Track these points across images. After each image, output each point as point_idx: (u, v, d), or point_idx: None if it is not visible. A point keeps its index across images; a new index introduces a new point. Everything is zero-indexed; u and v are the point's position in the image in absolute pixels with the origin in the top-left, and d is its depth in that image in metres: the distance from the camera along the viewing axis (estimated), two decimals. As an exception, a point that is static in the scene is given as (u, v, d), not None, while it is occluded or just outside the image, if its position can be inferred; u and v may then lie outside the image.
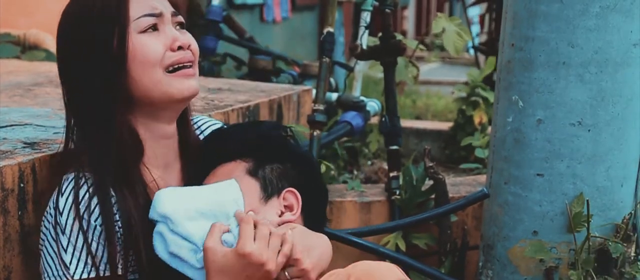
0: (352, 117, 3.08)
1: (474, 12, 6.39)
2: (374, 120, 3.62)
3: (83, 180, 1.59)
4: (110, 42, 1.59)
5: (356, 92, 3.85)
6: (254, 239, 1.54)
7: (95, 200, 1.58)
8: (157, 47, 1.61)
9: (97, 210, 1.58)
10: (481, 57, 5.12)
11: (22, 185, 1.68)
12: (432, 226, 2.78)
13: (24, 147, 1.79)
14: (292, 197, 1.70)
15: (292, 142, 1.83)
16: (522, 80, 2.29)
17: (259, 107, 2.58)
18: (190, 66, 1.66)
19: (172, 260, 1.59)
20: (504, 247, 2.39)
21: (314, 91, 2.88)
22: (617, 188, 2.31)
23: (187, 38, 1.66)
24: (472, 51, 5.33)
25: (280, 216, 1.68)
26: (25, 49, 4.06)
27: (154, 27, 1.62)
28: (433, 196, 2.75)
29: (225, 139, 1.77)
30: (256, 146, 1.72)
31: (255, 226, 1.56)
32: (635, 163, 2.33)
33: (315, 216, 1.76)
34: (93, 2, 1.61)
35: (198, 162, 1.74)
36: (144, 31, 1.61)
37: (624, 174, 2.31)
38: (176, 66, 1.63)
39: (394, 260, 2.60)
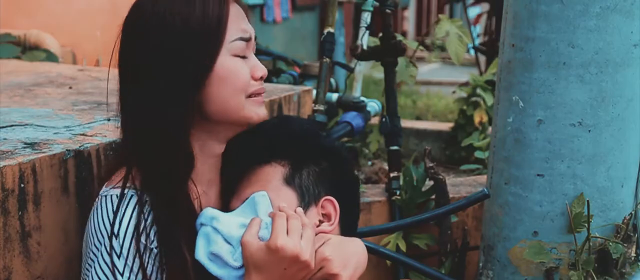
0: (353, 118, 3.08)
1: (475, 12, 6.39)
2: (375, 120, 3.62)
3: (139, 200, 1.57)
4: (202, 58, 1.56)
5: (356, 93, 3.85)
6: (287, 233, 1.51)
7: (151, 222, 1.57)
8: (246, 74, 1.62)
9: (152, 233, 1.57)
10: (481, 58, 5.13)
11: (22, 185, 1.68)
12: (433, 227, 2.78)
13: (25, 148, 1.79)
14: (330, 206, 1.66)
15: (326, 137, 1.80)
16: (522, 81, 2.29)
17: (259, 107, 2.57)
18: (262, 93, 1.68)
19: (211, 263, 1.57)
20: (505, 247, 2.38)
21: (314, 91, 2.88)
22: (618, 188, 2.31)
23: (263, 67, 1.67)
24: (472, 51, 5.33)
25: (317, 226, 1.64)
26: (26, 49, 4.05)
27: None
28: (433, 197, 2.75)
29: (254, 138, 1.70)
30: (291, 145, 1.67)
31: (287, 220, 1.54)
32: (635, 164, 2.33)
33: (349, 216, 1.72)
34: (190, 12, 1.56)
35: (223, 165, 1.70)
36: (237, 55, 1.61)
37: (625, 174, 2.31)
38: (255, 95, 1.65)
39: (394, 261, 2.60)
